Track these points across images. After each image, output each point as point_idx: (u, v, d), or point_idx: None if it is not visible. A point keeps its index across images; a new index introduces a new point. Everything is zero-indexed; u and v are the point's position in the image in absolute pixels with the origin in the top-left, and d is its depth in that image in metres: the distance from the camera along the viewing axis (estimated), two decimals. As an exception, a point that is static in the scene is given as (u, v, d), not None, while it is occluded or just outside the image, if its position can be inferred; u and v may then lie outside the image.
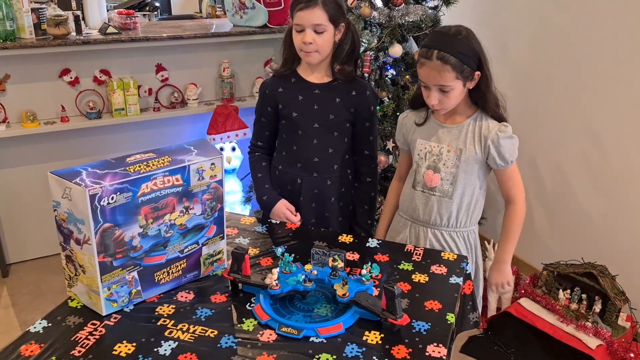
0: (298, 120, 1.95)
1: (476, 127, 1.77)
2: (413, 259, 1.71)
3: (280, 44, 1.99)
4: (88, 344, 1.32)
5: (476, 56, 1.68)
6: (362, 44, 2.75)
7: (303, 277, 1.48)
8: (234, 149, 3.43)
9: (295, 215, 2.00)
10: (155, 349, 1.30)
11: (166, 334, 1.36)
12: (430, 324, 1.40)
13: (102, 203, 1.30)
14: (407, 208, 1.94)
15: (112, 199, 1.32)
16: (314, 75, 1.95)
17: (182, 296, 1.51)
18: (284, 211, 1.98)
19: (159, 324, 1.39)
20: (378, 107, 2.78)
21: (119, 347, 1.31)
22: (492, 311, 2.68)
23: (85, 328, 1.37)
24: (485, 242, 2.64)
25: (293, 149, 1.99)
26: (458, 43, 1.66)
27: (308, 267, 1.53)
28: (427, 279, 1.61)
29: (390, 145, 2.79)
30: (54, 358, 1.27)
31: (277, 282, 1.45)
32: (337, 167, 2.00)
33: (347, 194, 2.07)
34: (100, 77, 3.12)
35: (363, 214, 2.09)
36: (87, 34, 3.03)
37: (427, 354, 1.30)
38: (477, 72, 1.70)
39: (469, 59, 1.66)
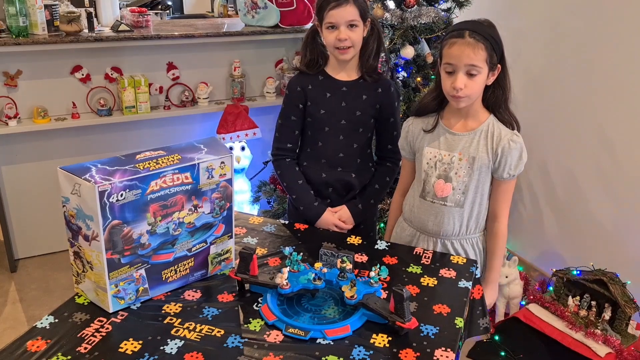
0: (325, 117, 1.99)
1: (488, 134, 1.74)
2: (422, 262, 1.69)
3: (292, 44, 1.98)
4: (94, 341, 1.31)
5: (500, 48, 1.68)
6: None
7: (313, 275, 1.47)
8: (243, 148, 3.42)
9: (345, 222, 2.04)
10: (162, 347, 1.30)
11: (173, 332, 1.35)
12: (438, 328, 1.39)
13: (111, 200, 1.30)
14: (414, 219, 1.88)
15: (121, 195, 1.31)
16: (342, 74, 1.98)
17: (189, 295, 1.50)
18: (334, 221, 2.02)
19: (165, 322, 1.39)
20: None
21: (125, 344, 1.31)
22: (500, 316, 2.66)
23: (91, 325, 1.37)
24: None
25: (318, 145, 2.03)
26: (488, 28, 1.67)
27: (318, 265, 1.53)
28: (435, 282, 1.59)
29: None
30: (60, 354, 1.27)
31: (287, 281, 1.44)
32: (359, 161, 2.06)
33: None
34: (111, 74, 3.13)
35: (369, 192, 2.08)
36: (100, 31, 3.04)
37: (435, 358, 1.29)
38: (499, 65, 1.69)
39: (497, 46, 1.66)
